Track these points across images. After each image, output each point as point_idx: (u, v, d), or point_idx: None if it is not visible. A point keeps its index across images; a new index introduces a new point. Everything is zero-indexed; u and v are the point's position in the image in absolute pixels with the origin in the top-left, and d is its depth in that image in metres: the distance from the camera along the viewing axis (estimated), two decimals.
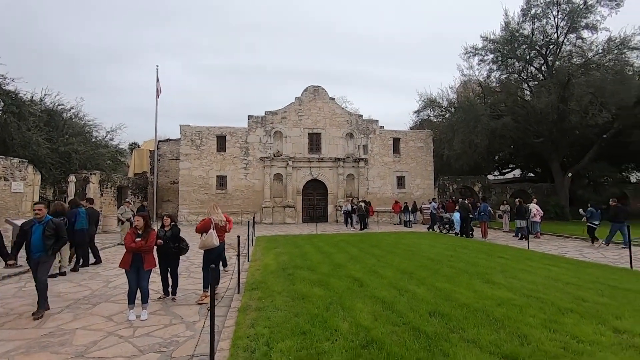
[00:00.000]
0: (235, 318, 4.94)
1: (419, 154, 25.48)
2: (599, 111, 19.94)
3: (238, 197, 22.89)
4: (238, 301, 5.77)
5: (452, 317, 4.68)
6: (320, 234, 15.83)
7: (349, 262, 8.76)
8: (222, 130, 23.05)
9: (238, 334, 4.30)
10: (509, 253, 10.33)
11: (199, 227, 6.13)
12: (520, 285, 6.39)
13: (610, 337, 4.02)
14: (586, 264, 8.89)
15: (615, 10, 21.04)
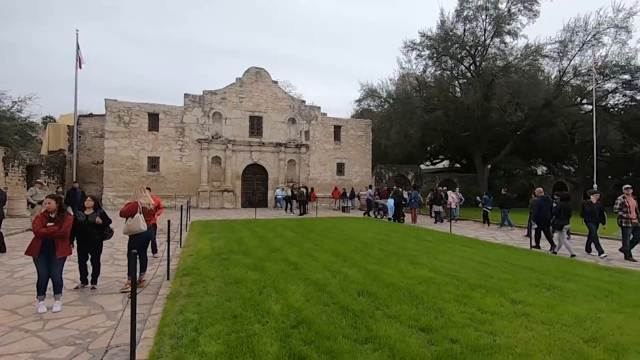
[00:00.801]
0: (163, 305, 4.74)
1: (358, 142, 26.28)
2: (514, 110, 22.30)
3: (172, 180, 21.64)
4: (167, 288, 5.54)
5: (378, 295, 5.00)
6: (259, 219, 15.70)
7: (286, 246, 8.85)
8: (154, 107, 21.40)
9: (165, 322, 4.14)
10: (434, 237, 11.26)
11: (123, 211, 5.70)
12: (440, 265, 7.03)
13: (508, 308, 4.63)
14: (496, 245, 10.05)
15: (533, 20, 23.48)
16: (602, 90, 24.13)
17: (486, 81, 23.43)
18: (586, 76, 23.78)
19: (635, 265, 7.85)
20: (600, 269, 7.14)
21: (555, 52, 23.70)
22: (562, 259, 8.12)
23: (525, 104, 22.41)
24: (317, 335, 3.68)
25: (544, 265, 7.19)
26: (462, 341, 3.59)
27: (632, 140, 22.52)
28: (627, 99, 25.04)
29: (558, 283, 5.81)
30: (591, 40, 22.35)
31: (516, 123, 23.57)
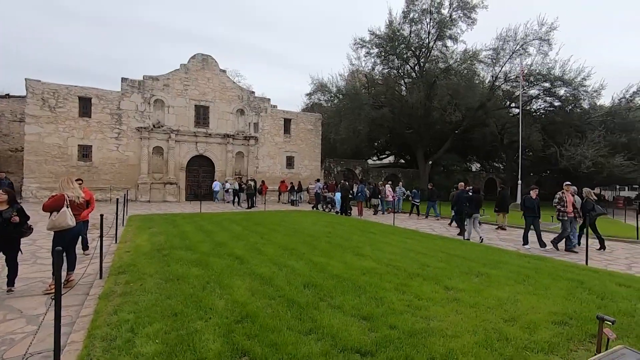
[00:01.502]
0: (94, 306, 4.40)
1: (308, 136, 26.38)
2: (453, 110, 23.89)
3: (107, 171, 20.00)
4: (99, 287, 5.15)
5: (323, 287, 5.11)
6: (205, 212, 15.15)
7: (232, 240, 8.66)
8: (86, 91, 19.52)
9: (96, 323, 3.85)
10: (378, 229, 11.74)
11: (47, 205, 5.15)
12: (383, 256, 7.36)
13: (441, 294, 5.00)
14: (434, 236, 10.75)
15: (471, 26, 25.21)
16: (527, 95, 26.76)
17: (429, 82, 24.79)
18: (514, 82, 26.18)
19: (550, 252, 8.88)
20: (521, 256, 7.99)
21: (489, 58, 25.76)
22: (489, 248, 8.93)
23: (462, 105, 24.11)
24: (262, 329, 3.68)
25: (474, 254, 7.86)
26: (400, 327, 3.81)
27: (550, 142, 25.33)
28: (547, 104, 28.06)
29: (485, 270, 6.40)
30: (519, 49, 24.62)
31: (455, 122, 25.29)
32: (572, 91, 25.12)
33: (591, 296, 5.06)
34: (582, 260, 7.59)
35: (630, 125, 24.39)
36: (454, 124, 26.05)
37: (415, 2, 24.78)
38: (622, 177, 25.13)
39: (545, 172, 33.64)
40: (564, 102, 26.26)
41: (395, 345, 3.41)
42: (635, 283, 5.80)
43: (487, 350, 3.37)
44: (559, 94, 26.14)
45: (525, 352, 3.38)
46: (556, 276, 6.12)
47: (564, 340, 3.66)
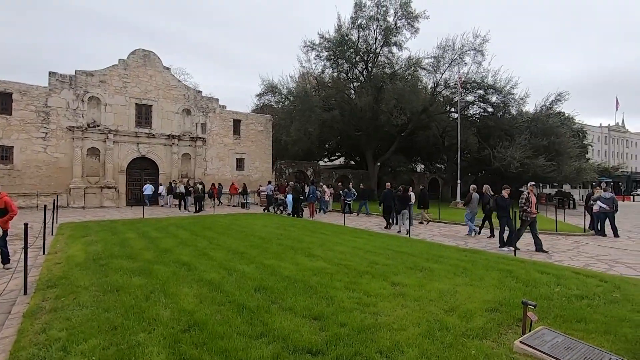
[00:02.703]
0: (18, 326, 3.96)
1: (259, 137, 26.02)
2: (399, 114, 25.05)
3: (33, 174, 18.02)
4: (24, 305, 4.64)
5: (274, 289, 5.09)
6: (148, 218, 14.29)
7: (178, 246, 8.27)
8: (5, 85, 17.45)
9: (20, 344, 3.48)
10: (329, 229, 11.93)
11: None
12: (334, 255, 7.50)
13: (389, 290, 5.23)
14: (381, 235, 11.17)
15: (414, 35, 26.66)
16: (465, 101, 28.89)
17: (376, 86, 25.75)
18: (454, 89, 28.15)
19: (485, 246, 9.68)
20: (459, 250, 8.61)
21: (431, 65, 27.43)
22: (432, 244, 9.50)
23: (407, 109, 25.38)
24: (210, 336, 3.57)
25: (418, 250, 8.31)
26: (349, 324, 3.92)
27: (484, 144, 27.59)
28: (482, 110, 30.54)
29: (428, 265, 6.80)
30: (457, 59, 26.52)
31: (400, 125, 26.53)
32: (502, 98, 27.59)
33: (518, 284, 5.61)
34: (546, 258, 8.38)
35: (550, 130, 27.37)
36: (399, 127, 27.30)
37: (363, 9, 25.64)
38: (544, 176, 28.04)
39: (480, 172, 36.58)
40: (495, 108, 28.75)
41: (345, 342, 3.51)
42: (554, 270, 6.53)
43: (429, 340, 3.60)
44: (492, 100, 28.58)
45: (462, 339, 3.66)
46: (489, 267, 6.69)
47: (495, 325, 4.02)
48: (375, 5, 25.55)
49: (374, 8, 25.58)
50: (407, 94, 24.94)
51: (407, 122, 26.83)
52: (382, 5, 25.52)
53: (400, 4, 25.52)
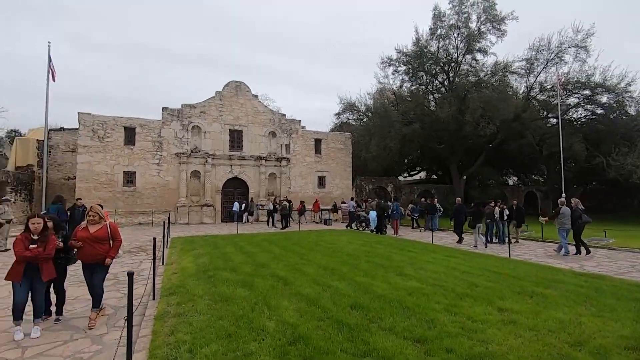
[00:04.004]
0: (152, 327, 4.58)
1: (339, 155, 26.58)
2: (487, 123, 23.31)
3: (149, 195, 21.04)
4: (154, 308, 5.36)
5: (370, 308, 5.04)
6: (242, 233, 15.48)
7: (272, 261, 8.76)
8: (131, 121, 20.92)
9: (156, 343, 4.01)
10: (417, 247, 11.46)
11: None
12: (427, 275, 7.17)
13: (496, 316, 4.78)
14: (477, 254, 10.34)
15: (501, 38, 24.86)
16: (566, 104, 25.66)
17: (460, 96, 24.45)
18: (551, 92, 25.26)
19: (608, 270, 8.28)
20: (576, 275, 7.50)
21: (523, 69, 25.11)
22: (539, 266, 8.46)
23: (496, 118, 23.48)
24: (316, 351, 3.67)
25: (522, 272, 7.47)
26: (457, 350, 3.68)
27: (595, 152, 23.96)
28: (588, 113, 26.73)
29: (539, 290, 6.06)
30: (554, 58, 23.86)
31: (489, 135, 24.62)
32: (615, 98, 23.83)
33: None
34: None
35: None
36: (488, 137, 25.36)
37: (442, 19, 24.88)
38: None
39: (590, 183, 31.70)
40: (607, 109, 24.92)
41: None
42: None
43: None
44: (601, 101, 24.88)
45: None
46: (620, 296, 5.69)
47: None
48: (456, 13, 24.60)
49: (454, 16, 24.66)
50: (495, 102, 23.15)
51: (496, 132, 24.80)
52: (463, 12, 24.46)
53: (484, 8, 24.15)
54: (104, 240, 4.85)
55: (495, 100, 23.21)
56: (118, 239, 5.02)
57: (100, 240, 4.82)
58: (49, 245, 4.51)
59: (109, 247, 4.91)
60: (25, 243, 4.40)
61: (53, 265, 4.63)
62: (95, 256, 4.79)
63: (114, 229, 5.00)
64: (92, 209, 5.00)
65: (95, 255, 4.79)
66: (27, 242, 4.42)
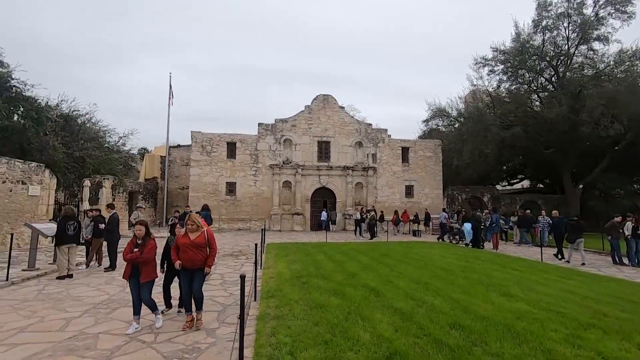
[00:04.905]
0: (255, 326, 4.97)
1: (427, 163, 25.46)
2: (610, 122, 19.82)
3: (247, 203, 23.02)
4: (255, 309, 5.80)
5: (472, 329, 4.66)
6: (330, 242, 15.83)
7: (362, 271, 8.76)
8: (232, 137, 23.30)
9: (260, 342, 4.33)
10: (522, 265, 10.25)
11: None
12: (538, 298, 6.34)
13: (636, 354, 3.98)
14: (601, 277, 8.79)
15: (627, 22, 21.02)
16: None
17: (572, 92, 21.33)
18: None
19: None
20: None
21: None
22: None
23: (623, 115, 19.81)
24: None
25: None
26: None
27: None
28: None
29: None
30: None
31: (613, 136, 20.85)
32: None
33: None
34: None
35: None
36: (612, 139, 21.48)
37: (549, 8, 22.19)
38: None
39: None
40: None
41: None
42: None
43: None
44: None
45: None
46: None
47: None
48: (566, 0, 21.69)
49: (563, 4, 21.78)
50: (621, 96, 19.54)
51: (622, 131, 20.88)
52: None
53: None
54: (202, 246, 5.00)
55: (622, 95, 19.60)
56: (214, 247, 5.12)
57: (199, 247, 4.97)
58: (145, 249, 4.98)
59: (206, 254, 5.05)
60: (131, 246, 5.03)
61: (153, 268, 5.08)
62: (195, 262, 4.94)
63: (211, 236, 5.13)
64: (191, 217, 5.16)
65: (195, 261, 4.93)
66: (132, 246, 5.04)
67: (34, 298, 6.52)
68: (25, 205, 12.21)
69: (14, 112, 14.16)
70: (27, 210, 12.26)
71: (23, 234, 11.90)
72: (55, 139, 14.63)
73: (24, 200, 12.15)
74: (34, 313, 5.63)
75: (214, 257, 5.19)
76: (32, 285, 7.44)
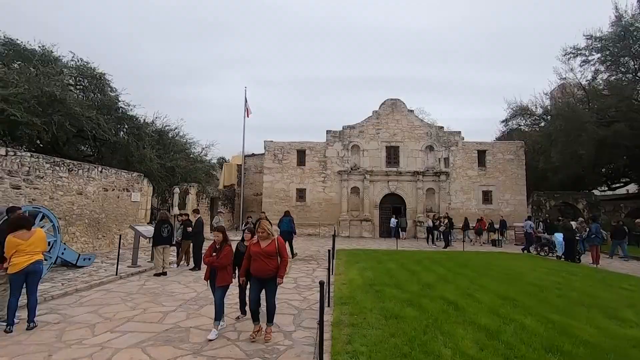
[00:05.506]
0: (330, 332, 5.00)
1: (508, 166, 23.38)
2: None
3: (316, 209, 23.49)
4: (329, 315, 5.83)
5: (574, 355, 4.12)
6: (401, 250, 15.36)
7: (438, 282, 8.31)
8: (302, 145, 24.07)
9: (336, 349, 4.34)
10: (633, 283, 8.78)
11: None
12: None
13: None
14: None
15: None
16: None
17: None
18: None
19: None
20: None
21: None
22: None
23: None
24: None
25: None
26: None
27: None
28: None
29: None
30: None
31: None
32: None
33: None
34: None
35: None
36: None
37: None
38: None
39: None
40: None
41: None
42: None
43: None
44: None
45: None
46: None
47: None
48: None
49: None
50: None
51: None
52: None
53: None
54: (273, 255, 4.85)
55: None
56: (284, 256, 4.92)
57: (270, 255, 4.83)
58: (222, 254, 5.10)
59: (277, 263, 4.88)
60: (210, 250, 5.28)
61: (228, 273, 5.14)
62: (266, 271, 4.80)
63: (281, 244, 4.96)
64: (261, 224, 5.02)
65: (267, 270, 4.80)
66: (211, 250, 5.27)
67: (137, 292, 7.42)
68: (129, 209, 14.03)
69: (120, 129, 16.44)
70: (130, 214, 14.07)
71: (127, 235, 13.66)
72: (152, 152, 16.61)
73: (128, 205, 13.98)
74: (138, 305, 6.40)
75: (286, 267, 4.97)
76: (135, 280, 8.47)
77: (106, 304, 6.44)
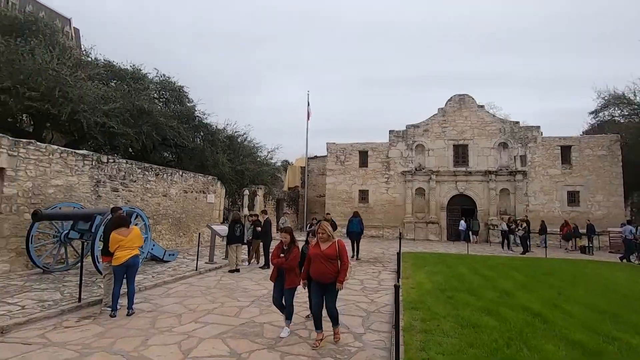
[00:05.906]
0: (402, 337, 4.86)
1: (599, 164, 20.66)
2: None
3: (379, 211, 23.13)
4: (400, 320, 5.67)
5: None
6: (472, 254, 14.42)
7: (519, 290, 7.62)
8: (364, 146, 23.91)
9: (409, 355, 4.20)
10: None
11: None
12: None
13: None
14: None
15: None
16: None
17: None
18: None
19: None
20: None
21: None
22: None
23: None
24: None
25: None
26: None
27: None
28: None
29: None
30: None
31: None
32: None
33: None
34: None
35: None
36: None
37: None
38: None
39: None
40: None
41: None
42: None
43: None
44: None
45: None
46: None
47: None
48: None
49: None
50: None
51: None
52: None
53: None
54: (333, 258, 4.64)
55: None
56: (345, 260, 4.70)
57: (330, 259, 4.62)
58: (290, 256, 5.02)
59: (337, 267, 4.66)
60: (278, 251, 5.25)
61: (296, 275, 5.03)
62: (325, 275, 4.60)
63: (342, 248, 4.73)
64: (321, 226, 4.84)
65: (326, 273, 4.60)
66: (278, 251, 5.25)
67: (214, 287, 7.99)
68: (205, 210, 15.21)
69: (197, 136, 17.92)
70: (206, 215, 15.24)
71: (203, 233, 14.82)
72: (223, 156, 17.83)
73: (204, 206, 15.16)
74: (216, 299, 6.89)
75: (346, 272, 4.73)
76: (212, 276, 9.14)
77: (190, 296, 7.04)
